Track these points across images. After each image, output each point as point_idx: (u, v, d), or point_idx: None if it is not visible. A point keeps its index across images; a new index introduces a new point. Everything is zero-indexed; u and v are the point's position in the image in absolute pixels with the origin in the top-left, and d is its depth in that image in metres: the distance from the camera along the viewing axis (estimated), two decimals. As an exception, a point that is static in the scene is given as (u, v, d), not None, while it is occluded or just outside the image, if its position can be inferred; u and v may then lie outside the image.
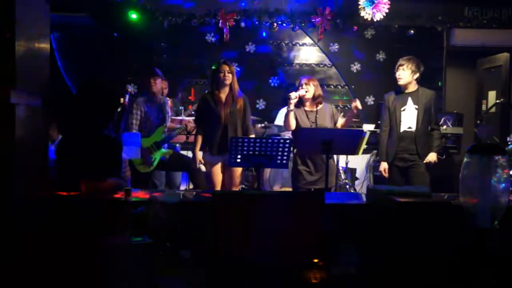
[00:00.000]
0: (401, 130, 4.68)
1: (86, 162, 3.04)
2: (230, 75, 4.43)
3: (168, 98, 5.73)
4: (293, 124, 4.54)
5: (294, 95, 4.48)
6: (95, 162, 3.06)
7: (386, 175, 4.73)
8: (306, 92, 4.56)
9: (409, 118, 4.68)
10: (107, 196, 3.01)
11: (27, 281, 2.45)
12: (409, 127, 4.67)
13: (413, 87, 4.70)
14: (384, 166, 4.74)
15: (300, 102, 4.61)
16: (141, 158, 4.87)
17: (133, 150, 4.47)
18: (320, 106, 4.68)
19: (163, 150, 5.17)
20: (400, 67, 4.67)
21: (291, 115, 4.51)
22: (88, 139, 3.13)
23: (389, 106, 4.75)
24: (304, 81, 4.62)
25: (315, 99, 4.64)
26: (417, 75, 4.67)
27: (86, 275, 2.45)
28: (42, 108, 2.95)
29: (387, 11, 6.57)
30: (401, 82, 4.67)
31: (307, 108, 4.65)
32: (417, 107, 4.64)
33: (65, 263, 2.54)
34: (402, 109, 4.68)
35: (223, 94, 4.45)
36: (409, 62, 4.64)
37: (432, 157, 4.67)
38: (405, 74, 4.63)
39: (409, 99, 4.68)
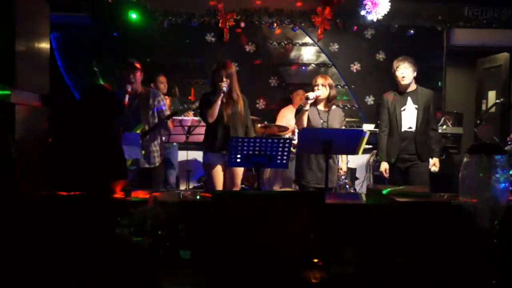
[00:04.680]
0: (402, 130, 4.66)
1: (92, 161, 3.01)
2: (228, 80, 4.39)
3: (160, 93, 5.39)
4: (305, 124, 4.52)
5: (312, 96, 4.45)
6: (100, 161, 3.03)
7: (387, 175, 4.70)
8: (321, 93, 4.55)
9: (409, 118, 4.65)
10: (111, 195, 3.01)
11: (27, 280, 2.45)
12: (409, 127, 4.64)
13: (412, 87, 4.69)
14: (385, 166, 4.71)
15: (314, 101, 4.59)
16: None
17: (132, 150, 4.45)
18: (333, 107, 4.67)
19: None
20: (401, 66, 4.64)
21: (305, 115, 4.48)
22: (93, 139, 3.08)
23: (388, 106, 4.71)
24: (321, 81, 4.58)
25: (330, 100, 4.62)
26: (415, 73, 4.67)
27: (85, 275, 2.45)
28: (42, 108, 2.95)
29: (388, 9, 6.52)
30: (405, 81, 4.62)
31: (320, 108, 4.62)
32: (416, 106, 4.62)
33: (65, 262, 2.54)
34: (402, 109, 4.65)
35: (224, 97, 4.42)
36: (407, 60, 4.64)
37: (435, 163, 4.67)
38: (407, 72, 4.61)
39: (409, 99, 4.66)
